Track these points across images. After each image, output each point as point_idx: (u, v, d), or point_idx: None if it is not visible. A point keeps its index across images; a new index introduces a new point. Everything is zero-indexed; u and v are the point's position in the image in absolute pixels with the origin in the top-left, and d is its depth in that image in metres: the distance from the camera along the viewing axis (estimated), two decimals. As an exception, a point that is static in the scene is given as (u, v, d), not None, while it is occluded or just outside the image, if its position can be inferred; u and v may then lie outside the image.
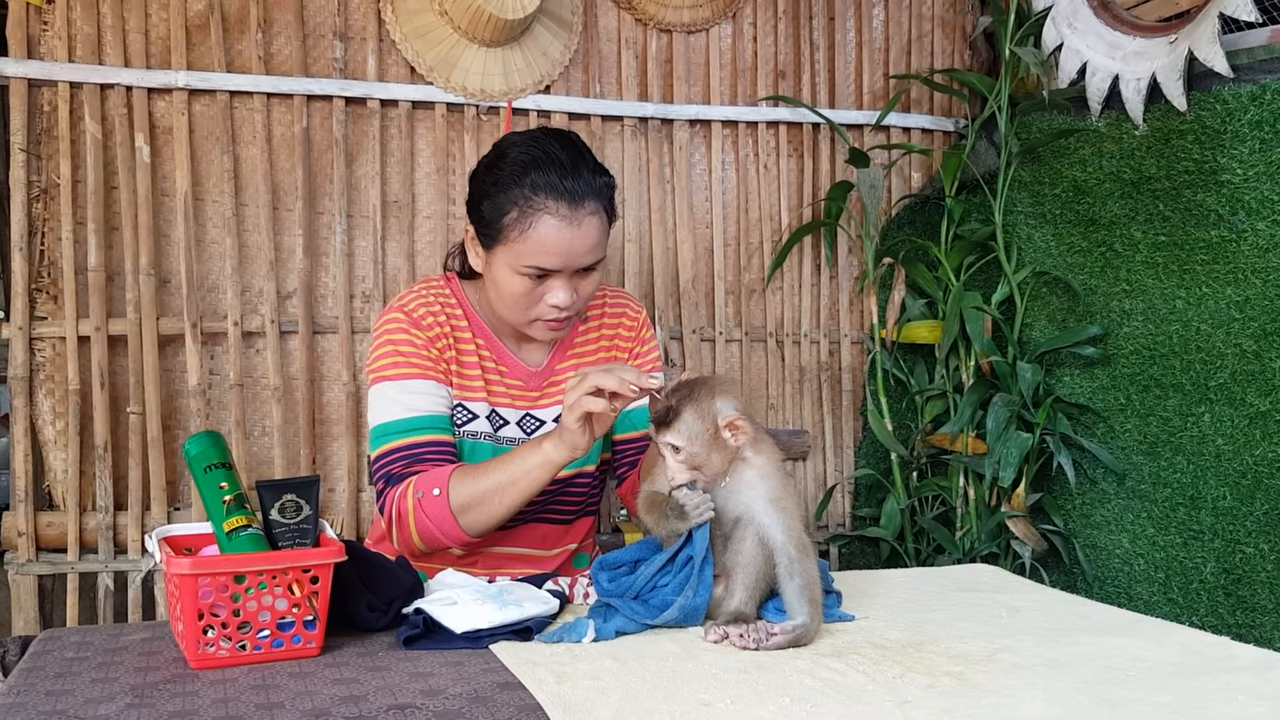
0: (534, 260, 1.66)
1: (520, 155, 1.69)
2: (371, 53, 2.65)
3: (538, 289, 1.69)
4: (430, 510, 1.62)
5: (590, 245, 1.68)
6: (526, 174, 1.65)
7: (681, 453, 1.41)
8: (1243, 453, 2.39)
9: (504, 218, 1.66)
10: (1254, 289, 2.35)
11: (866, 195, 2.84)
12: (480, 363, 1.79)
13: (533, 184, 1.64)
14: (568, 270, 1.68)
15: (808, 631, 1.38)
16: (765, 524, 1.42)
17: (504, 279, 1.70)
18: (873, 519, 2.99)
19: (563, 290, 1.68)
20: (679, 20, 2.88)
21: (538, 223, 1.64)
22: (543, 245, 1.65)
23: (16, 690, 1.19)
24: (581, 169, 1.67)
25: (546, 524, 1.84)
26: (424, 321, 1.75)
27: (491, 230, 1.69)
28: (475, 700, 1.16)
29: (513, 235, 1.66)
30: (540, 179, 1.64)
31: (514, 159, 1.69)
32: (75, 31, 2.46)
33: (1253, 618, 2.36)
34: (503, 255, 1.69)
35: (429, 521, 1.63)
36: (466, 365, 1.78)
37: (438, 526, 1.63)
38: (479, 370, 1.78)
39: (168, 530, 1.46)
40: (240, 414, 2.55)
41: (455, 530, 1.64)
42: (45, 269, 2.46)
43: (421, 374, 1.73)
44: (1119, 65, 2.57)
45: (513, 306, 1.72)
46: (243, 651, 1.30)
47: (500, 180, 1.68)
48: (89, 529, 2.47)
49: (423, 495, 1.62)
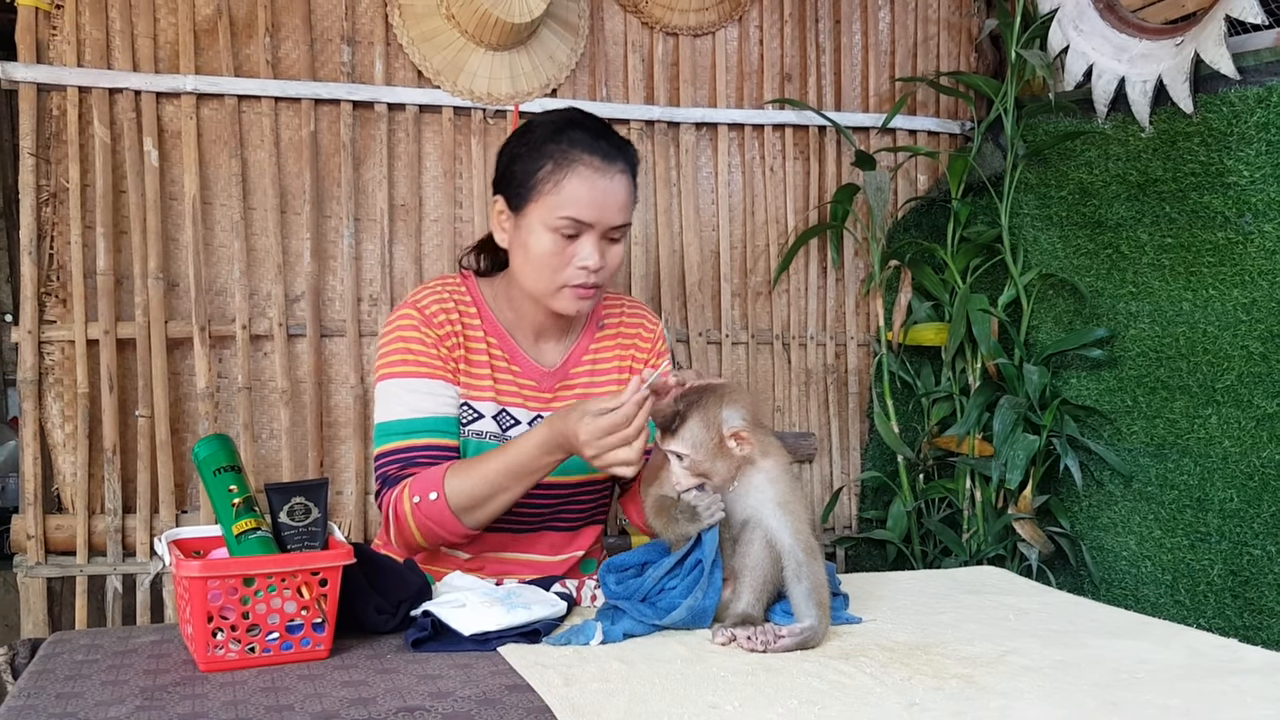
0: (568, 210, 1.68)
1: (553, 118, 1.76)
2: (379, 56, 2.66)
3: (568, 249, 1.70)
4: (430, 513, 1.63)
5: (621, 202, 1.72)
6: (562, 132, 1.71)
7: (686, 460, 1.41)
8: (1250, 455, 2.38)
9: (539, 171, 1.70)
10: (1261, 291, 2.35)
11: (873, 198, 2.84)
12: (490, 361, 1.79)
13: (569, 140, 1.70)
14: (599, 226, 1.69)
15: (815, 634, 1.38)
16: (773, 527, 1.42)
17: (534, 241, 1.71)
18: (879, 521, 2.99)
19: (593, 251, 1.69)
20: (685, 23, 2.88)
21: (572, 173, 1.68)
22: (577, 195, 1.68)
23: (27, 693, 1.20)
24: (611, 133, 1.74)
25: (554, 531, 1.85)
26: (436, 319, 1.76)
27: (524, 189, 1.72)
28: (484, 702, 1.16)
29: (547, 188, 1.69)
30: (575, 135, 1.70)
31: (546, 121, 1.76)
32: (84, 36, 2.47)
33: (1260, 620, 2.35)
34: (535, 213, 1.70)
35: (430, 523, 1.64)
36: (475, 364, 1.78)
37: (440, 527, 1.64)
38: (488, 369, 1.78)
39: (177, 533, 1.47)
40: (248, 417, 2.56)
41: (458, 528, 1.64)
42: (54, 273, 2.47)
43: (429, 373, 1.73)
44: (1125, 67, 2.57)
45: (542, 270, 1.72)
46: (252, 654, 1.30)
47: (533, 140, 1.73)
48: (98, 532, 2.48)
49: (419, 500, 1.63)
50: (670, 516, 1.44)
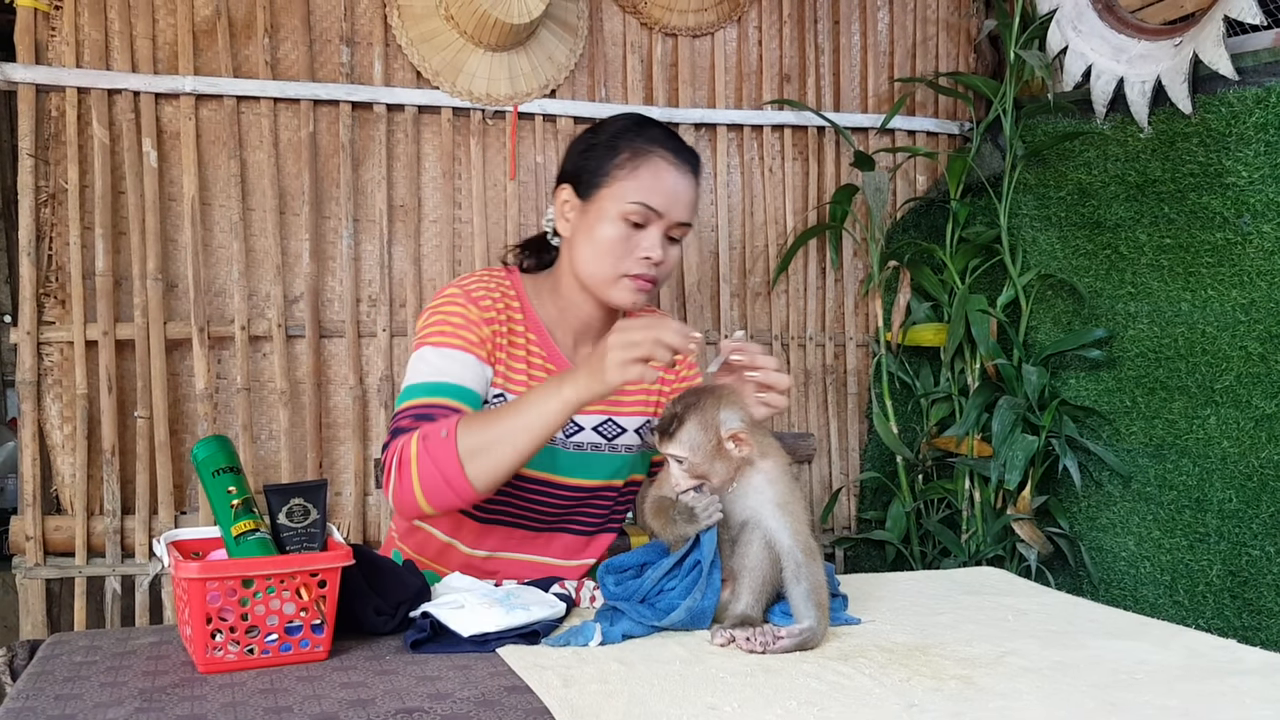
0: (641, 196, 1.69)
1: (626, 117, 1.81)
2: (378, 57, 2.66)
3: (633, 238, 1.71)
4: (435, 452, 1.54)
5: (689, 200, 1.74)
6: (638, 127, 1.76)
7: (684, 463, 1.41)
8: (1249, 455, 2.39)
9: (615, 157, 1.72)
10: (1260, 291, 2.35)
11: (871, 198, 2.84)
12: (528, 357, 1.78)
13: (645, 136, 1.74)
14: (667, 218, 1.71)
15: (814, 635, 1.38)
16: (772, 528, 1.42)
17: (601, 227, 1.72)
18: (878, 522, 2.99)
19: (657, 243, 1.71)
20: (684, 24, 2.88)
21: (649, 161, 1.71)
22: (651, 183, 1.70)
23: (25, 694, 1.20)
24: (681, 139, 1.78)
25: (569, 534, 1.84)
26: (482, 301, 1.76)
27: (596, 176, 1.74)
28: (483, 704, 1.16)
29: (622, 174, 1.71)
30: (651, 132, 1.75)
31: (620, 119, 1.80)
32: (83, 37, 2.47)
33: (1259, 620, 2.36)
34: (606, 198, 1.72)
35: (433, 465, 1.54)
36: (515, 357, 1.78)
37: (442, 471, 1.54)
38: (525, 365, 1.78)
39: (176, 534, 1.47)
40: (247, 418, 2.56)
41: (460, 477, 1.54)
42: (53, 274, 2.47)
43: (464, 346, 1.72)
44: (1124, 68, 2.57)
45: (604, 256, 1.72)
46: (251, 655, 1.30)
47: (609, 133, 1.76)
48: (96, 533, 2.48)
49: (428, 437, 1.55)
50: (668, 517, 1.44)
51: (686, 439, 1.41)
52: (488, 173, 2.76)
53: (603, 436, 1.82)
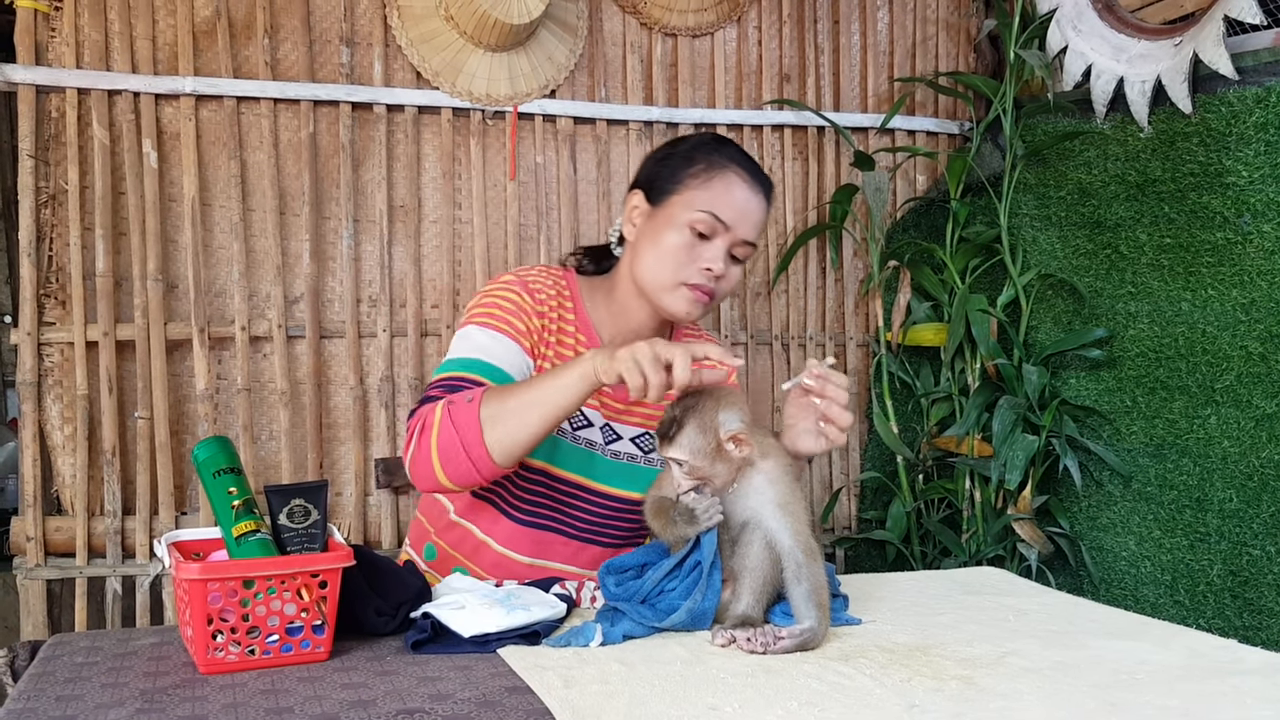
0: (710, 206, 1.71)
1: (709, 134, 1.87)
2: (378, 58, 2.66)
3: (697, 247, 1.72)
4: (458, 416, 1.54)
5: (758, 219, 1.76)
6: (716, 144, 1.79)
7: (685, 465, 1.41)
8: (1249, 455, 2.39)
9: (691, 167, 1.75)
10: (1260, 291, 2.35)
11: (871, 198, 2.84)
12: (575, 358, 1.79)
13: (723, 152, 1.77)
14: (733, 233, 1.72)
15: (815, 635, 1.38)
16: (773, 528, 1.42)
17: (666, 234, 1.73)
18: (879, 522, 2.99)
19: (720, 256, 1.72)
20: (684, 24, 2.88)
21: (723, 175, 1.73)
22: (722, 195, 1.72)
23: (27, 695, 1.20)
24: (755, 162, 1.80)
25: (600, 545, 1.84)
26: (537, 294, 1.77)
27: (669, 183, 1.76)
28: (483, 704, 1.16)
29: (695, 183, 1.73)
30: (729, 150, 1.78)
31: (699, 135, 1.85)
32: (83, 38, 2.47)
33: (1260, 620, 2.36)
34: (676, 205, 1.73)
35: (454, 429, 1.54)
36: (560, 356, 1.78)
37: (462, 436, 1.53)
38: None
39: (177, 535, 1.47)
40: (248, 418, 2.56)
41: (479, 444, 1.53)
42: (53, 274, 2.47)
43: (508, 331, 1.72)
44: (1124, 68, 2.57)
45: (666, 263, 1.72)
46: (252, 656, 1.30)
47: (687, 146, 1.79)
48: (97, 534, 2.48)
49: (454, 403, 1.55)
50: (669, 518, 1.44)
51: (686, 442, 1.41)
52: (488, 173, 2.76)
53: (640, 449, 1.83)
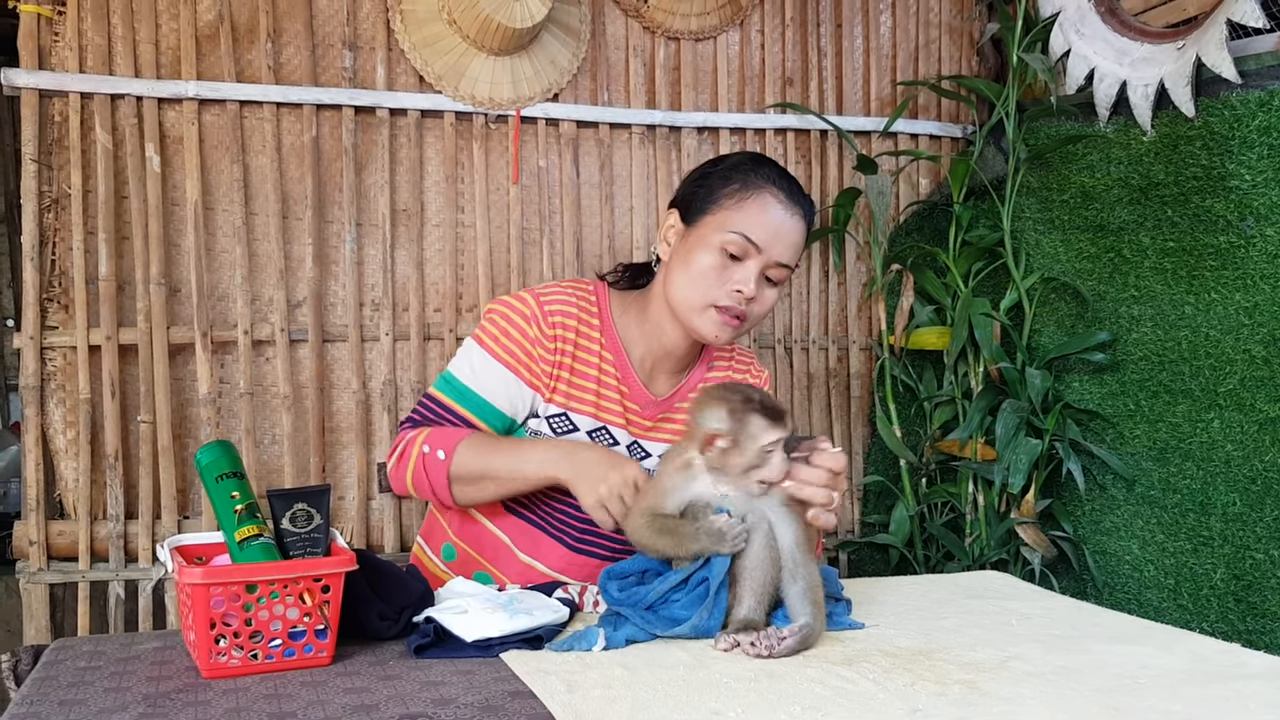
0: (743, 227, 1.69)
1: (746, 153, 1.85)
2: (380, 62, 2.66)
3: (729, 269, 1.70)
4: (430, 469, 1.67)
5: (794, 241, 1.73)
6: (755, 163, 1.76)
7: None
8: (1252, 459, 2.38)
9: (726, 187, 1.73)
10: (1263, 295, 2.35)
11: (874, 202, 2.84)
12: (599, 375, 1.77)
13: (761, 173, 1.74)
14: (766, 255, 1.69)
15: (812, 631, 1.38)
16: (775, 522, 1.42)
17: (698, 254, 1.71)
18: (882, 526, 2.99)
19: (751, 278, 1.69)
20: (687, 28, 2.89)
21: (758, 195, 1.71)
22: (756, 216, 1.70)
23: (30, 700, 1.20)
24: (797, 182, 1.78)
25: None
26: (552, 318, 1.75)
27: (704, 203, 1.74)
28: (486, 709, 1.16)
29: (729, 203, 1.71)
30: (767, 170, 1.75)
31: (739, 154, 1.84)
32: (86, 42, 2.47)
33: (1263, 624, 2.35)
34: (709, 225, 1.72)
35: (426, 478, 1.68)
36: (581, 374, 1.76)
37: (431, 485, 1.68)
38: (595, 383, 1.76)
39: (179, 539, 1.47)
40: (250, 422, 2.56)
41: (446, 495, 1.69)
42: (56, 279, 2.47)
43: (508, 362, 1.73)
44: (1127, 71, 2.57)
45: (696, 283, 1.71)
46: (255, 661, 1.30)
47: (725, 165, 1.77)
48: (100, 538, 2.48)
49: (429, 451, 1.68)
50: (684, 534, 1.42)
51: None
52: (490, 177, 2.76)
53: None
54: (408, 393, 2.68)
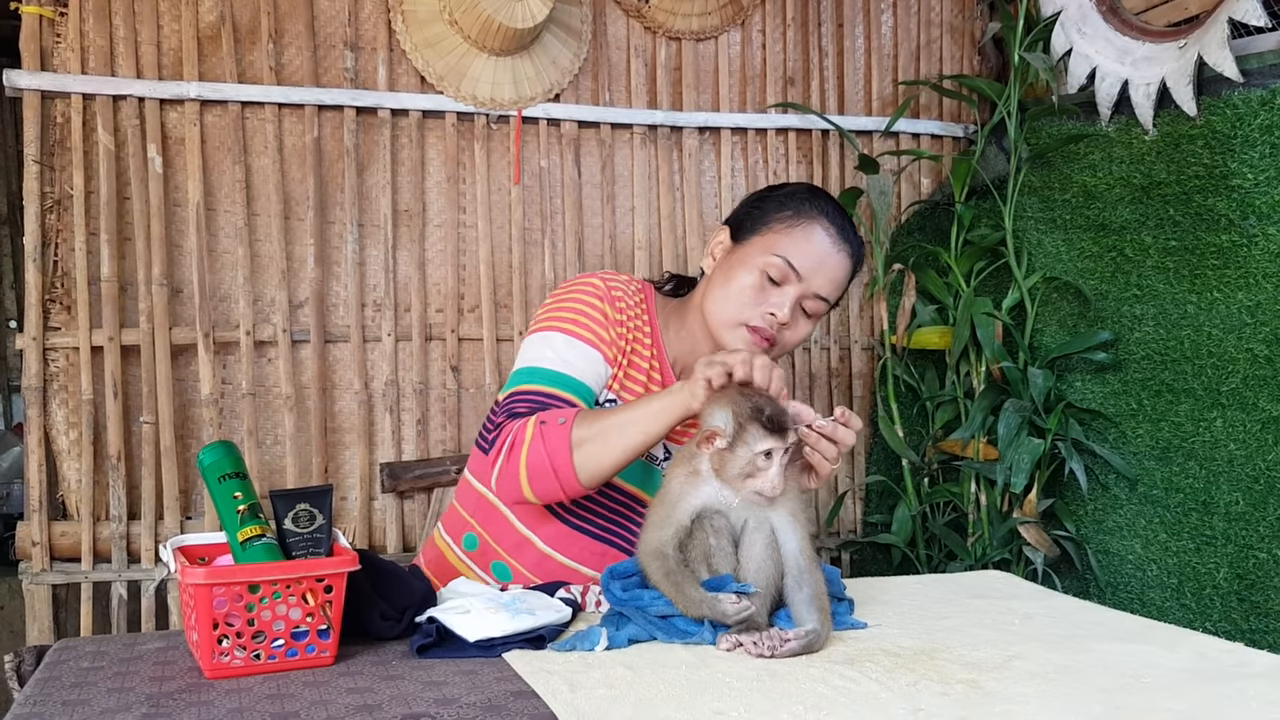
0: (787, 252, 1.71)
1: (810, 185, 1.86)
2: (382, 62, 2.66)
3: (766, 291, 1.71)
4: (549, 436, 1.57)
5: (836, 276, 1.75)
6: (813, 195, 1.79)
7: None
8: (1255, 458, 2.38)
9: (779, 212, 1.75)
10: (1265, 294, 2.35)
11: (876, 201, 2.84)
12: (649, 370, 1.79)
13: (816, 205, 1.76)
14: (806, 284, 1.71)
15: (819, 637, 1.38)
16: (778, 527, 1.42)
17: (739, 272, 1.73)
18: (884, 525, 2.99)
19: (787, 303, 1.71)
20: (688, 28, 2.89)
21: (808, 225, 1.73)
22: (803, 244, 1.72)
23: (33, 700, 1.20)
24: (852, 222, 1.80)
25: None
26: (618, 302, 1.76)
27: (756, 224, 1.76)
28: (489, 709, 1.16)
29: (778, 227, 1.74)
30: (823, 204, 1.77)
31: (801, 184, 1.86)
32: (88, 43, 2.47)
33: (1266, 623, 2.35)
34: (756, 245, 1.74)
35: (544, 448, 1.57)
36: (636, 366, 1.78)
37: (550, 456, 1.56)
38: (645, 375, 1.78)
39: (182, 540, 1.47)
40: (253, 423, 2.56)
41: (567, 464, 1.56)
42: (58, 280, 2.47)
43: (593, 340, 1.72)
44: (1128, 70, 2.57)
45: (731, 299, 1.72)
46: (257, 661, 1.30)
47: (784, 192, 1.80)
48: (102, 538, 2.48)
49: (546, 423, 1.58)
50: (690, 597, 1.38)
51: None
52: (492, 177, 2.76)
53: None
54: (410, 393, 2.68)
